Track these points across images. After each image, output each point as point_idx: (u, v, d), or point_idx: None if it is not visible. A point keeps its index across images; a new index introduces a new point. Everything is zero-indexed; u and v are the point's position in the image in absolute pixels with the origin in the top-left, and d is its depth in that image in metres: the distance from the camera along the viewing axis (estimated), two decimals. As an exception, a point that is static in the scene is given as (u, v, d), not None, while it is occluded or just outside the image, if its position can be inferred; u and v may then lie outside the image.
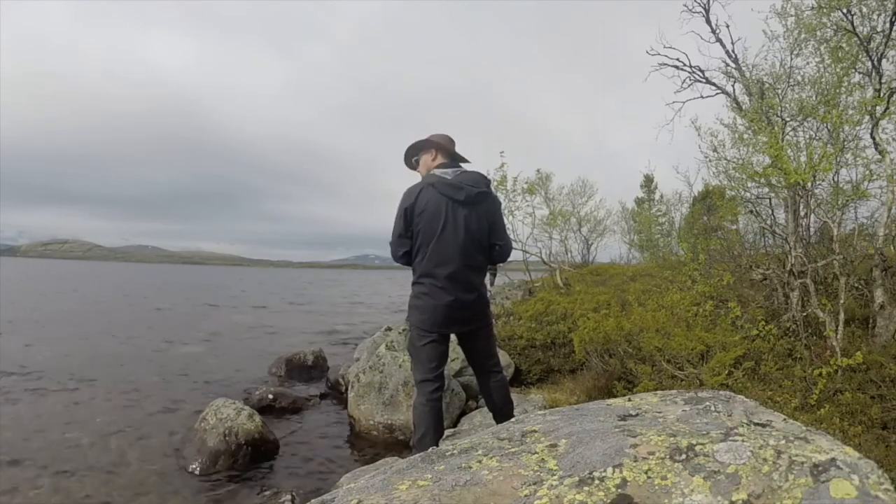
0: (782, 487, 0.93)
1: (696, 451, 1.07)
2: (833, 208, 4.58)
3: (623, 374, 4.13)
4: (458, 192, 2.32)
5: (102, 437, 3.86)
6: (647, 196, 19.89)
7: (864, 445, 2.55)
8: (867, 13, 4.43)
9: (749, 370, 3.54)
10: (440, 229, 2.30)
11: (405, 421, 3.81)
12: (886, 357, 3.37)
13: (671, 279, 6.50)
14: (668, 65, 7.43)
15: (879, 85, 4.24)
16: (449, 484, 1.10)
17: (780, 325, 4.19)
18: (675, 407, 1.39)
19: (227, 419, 3.48)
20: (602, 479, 1.03)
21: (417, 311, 2.37)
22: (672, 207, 17.72)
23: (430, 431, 2.25)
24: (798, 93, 5.24)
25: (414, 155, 2.59)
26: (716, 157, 5.32)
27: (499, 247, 2.48)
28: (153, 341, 8.42)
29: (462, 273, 2.32)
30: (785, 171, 3.98)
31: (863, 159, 4.48)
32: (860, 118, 4.23)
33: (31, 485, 3.05)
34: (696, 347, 3.76)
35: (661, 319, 4.38)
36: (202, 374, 6.06)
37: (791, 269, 4.38)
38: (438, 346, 2.36)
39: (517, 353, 5.43)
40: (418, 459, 1.30)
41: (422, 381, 2.34)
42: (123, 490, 3.03)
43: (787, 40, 5.26)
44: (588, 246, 17.85)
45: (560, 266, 11.53)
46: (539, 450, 1.21)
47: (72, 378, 5.63)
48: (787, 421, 1.23)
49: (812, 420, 2.78)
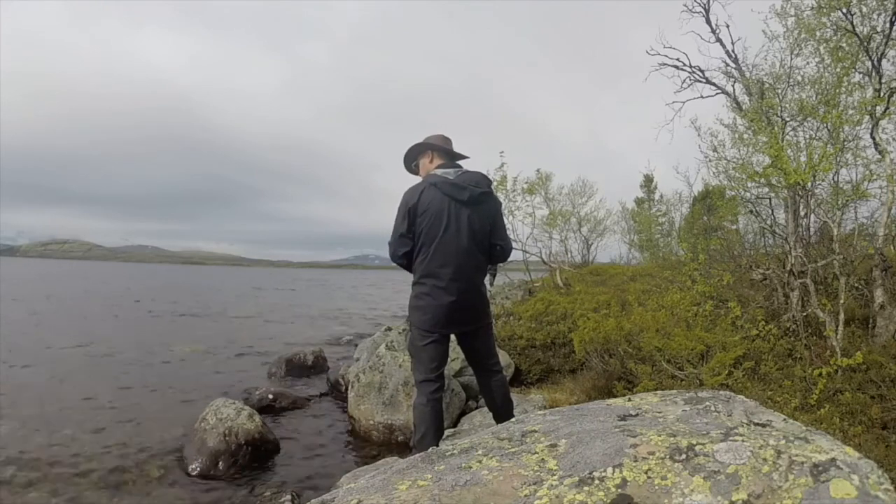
0: (782, 487, 0.93)
1: (696, 451, 1.07)
2: (833, 208, 4.58)
3: (623, 374, 4.13)
4: (462, 192, 2.32)
5: (102, 437, 3.86)
6: (647, 196, 19.87)
7: (864, 445, 2.55)
8: (867, 13, 4.43)
9: (749, 370, 3.54)
10: (443, 229, 2.29)
11: (405, 421, 3.81)
12: (886, 357, 3.37)
13: (671, 279, 6.50)
14: (668, 65, 7.45)
15: (879, 85, 4.24)
16: (449, 484, 1.10)
17: (780, 325, 4.19)
18: (675, 407, 1.39)
19: (227, 419, 3.48)
20: (602, 479, 1.03)
21: (419, 312, 2.36)
22: (672, 207, 17.74)
23: (430, 431, 2.25)
24: (798, 93, 5.24)
25: (413, 160, 2.59)
26: (716, 157, 5.33)
27: (499, 247, 2.48)
28: (153, 341, 8.42)
29: (464, 273, 2.32)
30: (785, 171, 3.98)
31: (863, 159, 4.48)
32: (860, 118, 4.23)
33: (31, 485, 3.05)
34: (696, 347, 3.76)
35: (661, 319, 4.37)
36: (202, 375, 6.07)
37: (791, 269, 4.38)
38: (439, 347, 2.36)
39: (517, 353, 5.42)
40: (418, 459, 1.30)
41: (422, 382, 2.34)
42: (123, 490, 3.03)
43: (787, 40, 5.26)
44: (588, 246, 17.84)
45: (560, 266, 11.52)
46: (539, 450, 1.21)
47: (72, 378, 5.63)
48: (787, 421, 1.23)
49: (812, 420, 2.78)
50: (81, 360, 6.70)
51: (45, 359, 6.69)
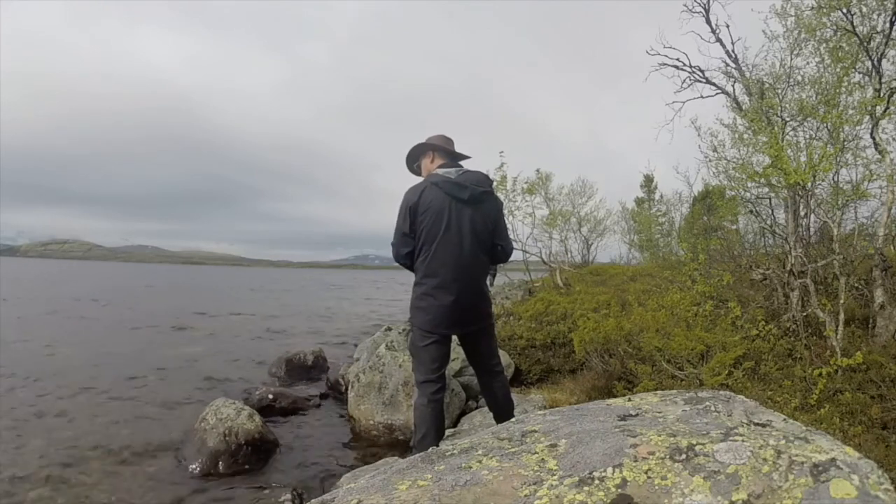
0: (782, 487, 0.93)
1: (696, 451, 1.07)
2: (833, 208, 4.58)
3: (623, 374, 4.13)
4: (463, 191, 2.30)
5: (102, 437, 3.86)
6: (647, 196, 19.88)
7: (864, 445, 2.55)
8: (867, 13, 4.43)
9: (749, 370, 3.54)
10: (443, 228, 2.28)
11: (405, 421, 3.81)
12: (886, 357, 3.37)
13: (671, 279, 6.50)
14: (668, 65, 7.44)
15: (879, 85, 4.24)
16: (449, 484, 1.10)
17: (780, 325, 4.19)
18: (675, 407, 1.39)
19: (227, 419, 3.48)
20: (602, 479, 1.03)
21: (420, 312, 2.35)
22: (672, 207, 17.74)
23: (430, 432, 2.25)
24: (798, 93, 5.24)
25: (414, 161, 2.59)
26: (716, 157, 5.33)
27: (500, 247, 2.47)
28: (153, 341, 8.42)
29: (465, 273, 2.31)
30: (785, 171, 3.98)
31: (863, 159, 4.49)
32: (860, 118, 4.23)
33: (31, 485, 3.05)
34: (696, 347, 3.76)
35: (661, 319, 4.37)
36: (202, 374, 6.06)
37: (791, 269, 4.38)
38: (440, 347, 2.35)
39: (517, 353, 5.42)
40: (418, 459, 1.30)
41: (423, 382, 2.33)
42: (123, 490, 3.03)
43: (787, 40, 5.26)
44: (588, 246, 17.86)
45: (560, 266, 11.53)
46: (539, 450, 1.21)
47: (72, 378, 5.63)
48: (787, 421, 1.23)
49: (812, 420, 2.78)
50: (80, 359, 6.69)
51: (45, 358, 6.69)
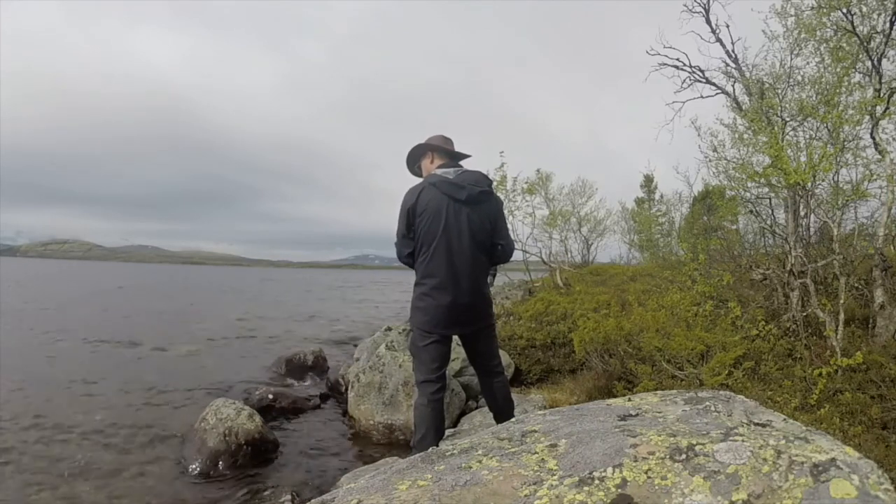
0: (782, 487, 0.93)
1: (696, 451, 1.07)
2: (833, 208, 4.58)
3: (623, 374, 4.13)
4: (460, 191, 2.30)
5: (102, 437, 3.86)
6: (647, 196, 19.88)
7: (864, 445, 2.55)
8: (867, 13, 4.43)
9: (749, 370, 3.54)
10: (441, 229, 2.28)
11: (405, 421, 3.81)
12: (886, 357, 3.37)
13: (671, 279, 6.50)
14: (668, 65, 7.43)
15: (879, 85, 4.24)
16: (449, 484, 1.10)
17: (780, 325, 4.19)
18: (675, 407, 1.39)
19: (227, 419, 3.48)
20: (602, 479, 1.03)
21: (420, 313, 2.35)
22: (672, 207, 17.72)
23: (430, 432, 2.24)
24: (798, 93, 5.24)
25: (415, 162, 2.59)
26: (716, 157, 5.33)
27: (501, 247, 2.46)
28: (153, 342, 8.41)
29: (465, 273, 2.30)
30: (785, 172, 3.98)
31: (863, 159, 4.48)
32: (860, 118, 4.22)
33: (31, 485, 3.05)
34: (696, 347, 3.76)
35: (661, 319, 4.37)
36: (202, 374, 6.06)
37: (791, 269, 4.38)
38: (440, 347, 2.35)
39: (517, 353, 5.43)
40: (418, 459, 1.30)
41: (423, 382, 2.33)
42: (123, 490, 3.03)
43: (787, 40, 5.26)
44: (588, 246, 17.86)
45: (560, 266, 11.53)
46: (539, 450, 1.21)
47: (72, 378, 5.63)
48: (787, 421, 1.23)
49: (812, 420, 2.78)
50: (80, 359, 6.70)
51: (45, 358, 6.69)
